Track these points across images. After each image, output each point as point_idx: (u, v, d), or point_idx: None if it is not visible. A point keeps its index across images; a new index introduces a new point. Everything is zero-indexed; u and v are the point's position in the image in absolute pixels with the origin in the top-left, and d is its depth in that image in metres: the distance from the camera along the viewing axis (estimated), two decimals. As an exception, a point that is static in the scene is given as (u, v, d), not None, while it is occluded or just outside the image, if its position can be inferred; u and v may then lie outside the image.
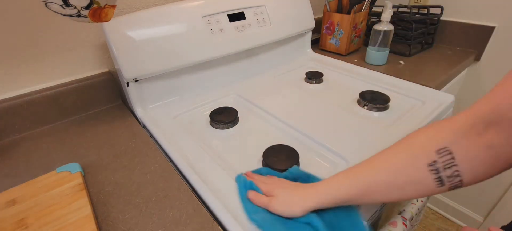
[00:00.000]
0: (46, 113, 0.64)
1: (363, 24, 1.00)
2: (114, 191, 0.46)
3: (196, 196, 0.45)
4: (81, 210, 0.41)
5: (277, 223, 0.37)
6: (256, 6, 0.80)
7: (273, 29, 0.83)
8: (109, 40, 0.59)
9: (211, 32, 0.71)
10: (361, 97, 0.68)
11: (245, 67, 0.85)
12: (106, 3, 0.46)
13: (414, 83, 0.75)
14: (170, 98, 0.72)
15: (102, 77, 0.70)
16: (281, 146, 0.52)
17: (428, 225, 1.33)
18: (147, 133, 0.62)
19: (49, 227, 0.38)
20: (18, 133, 0.62)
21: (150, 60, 0.63)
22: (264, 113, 0.67)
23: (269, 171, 0.46)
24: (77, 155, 0.55)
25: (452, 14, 1.01)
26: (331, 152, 0.53)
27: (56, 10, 0.43)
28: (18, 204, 0.42)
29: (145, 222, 0.41)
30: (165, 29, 0.65)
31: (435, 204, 1.37)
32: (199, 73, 0.76)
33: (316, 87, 0.80)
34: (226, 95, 0.75)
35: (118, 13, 0.68)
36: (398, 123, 0.61)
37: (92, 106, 0.71)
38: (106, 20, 0.48)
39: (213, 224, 0.40)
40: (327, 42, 1.03)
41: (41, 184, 0.45)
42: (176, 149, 0.54)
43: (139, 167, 0.51)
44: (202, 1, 0.71)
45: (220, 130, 0.62)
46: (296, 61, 0.97)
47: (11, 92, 0.61)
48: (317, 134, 0.57)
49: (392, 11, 0.84)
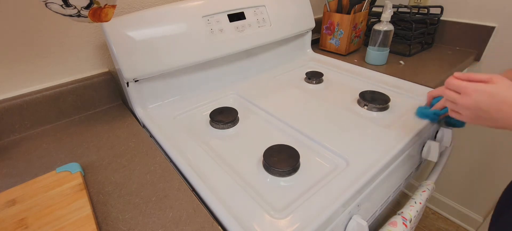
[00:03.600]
0: (46, 113, 0.64)
1: (363, 24, 1.00)
2: (114, 191, 0.46)
3: (196, 196, 0.45)
4: (81, 210, 0.41)
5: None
6: (256, 6, 0.80)
7: (273, 29, 0.83)
8: (109, 40, 0.59)
9: (211, 32, 0.71)
10: (361, 97, 0.68)
11: (245, 67, 0.85)
12: (106, 3, 0.46)
13: (414, 83, 0.75)
14: (170, 98, 0.72)
15: (102, 77, 0.70)
16: (281, 146, 0.52)
17: (428, 225, 1.33)
18: (147, 132, 0.62)
19: (49, 227, 0.38)
20: (18, 133, 0.62)
21: (150, 60, 0.63)
22: (264, 113, 0.67)
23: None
24: (77, 155, 0.55)
25: (452, 14, 1.01)
26: (331, 152, 0.53)
27: (56, 10, 0.43)
28: (18, 204, 0.42)
29: (145, 222, 0.41)
30: (165, 29, 0.65)
31: (435, 204, 1.37)
32: (199, 73, 0.76)
33: (316, 87, 0.80)
34: (226, 95, 0.75)
35: (118, 13, 0.68)
36: (398, 123, 0.61)
37: (92, 106, 0.71)
38: (106, 20, 0.48)
39: (213, 224, 0.40)
40: (327, 42, 1.03)
41: (41, 184, 0.45)
42: (176, 149, 0.54)
43: (139, 167, 0.51)
44: (202, 1, 0.71)
45: (220, 130, 0.62)
46: (296, 61, 0.97)
47: (11, 92, 0.61)
48: (317, 134, 0.57)
49: (392, 11, 0.84)
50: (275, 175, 0.48)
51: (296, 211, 0.41)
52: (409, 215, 0.52)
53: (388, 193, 0.56)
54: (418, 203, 0.56)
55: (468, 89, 0.40)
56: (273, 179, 0.48)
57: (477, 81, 0.40)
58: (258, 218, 0.40)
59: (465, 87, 0.41)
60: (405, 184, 0.63)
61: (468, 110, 0.41)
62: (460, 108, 0.42)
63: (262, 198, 0.44)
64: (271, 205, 0.43)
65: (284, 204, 0.43)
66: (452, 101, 0.43)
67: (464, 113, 0.42)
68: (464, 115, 0.42)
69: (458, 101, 0.42)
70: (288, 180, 0.48)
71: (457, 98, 0.42)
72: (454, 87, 0.42)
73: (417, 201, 0.56)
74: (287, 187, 0.47)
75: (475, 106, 0.40)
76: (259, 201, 0.43)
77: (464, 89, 0.41)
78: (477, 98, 0.39)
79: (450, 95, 0.43)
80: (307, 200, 0.42)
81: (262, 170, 0.50)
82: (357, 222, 0.45)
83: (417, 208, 0.54)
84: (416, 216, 0.54)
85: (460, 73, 0.43)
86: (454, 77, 0.43)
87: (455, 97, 0.43)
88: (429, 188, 0.61)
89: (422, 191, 0.59)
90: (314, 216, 0.40)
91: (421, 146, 0.62)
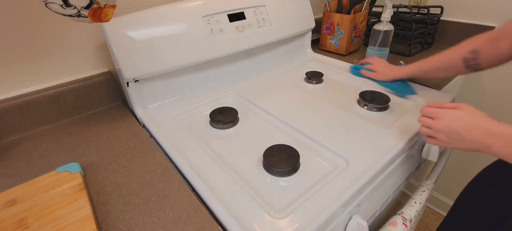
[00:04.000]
0: (46, 113, 0.64)
1: (363, 24, 1.00)
2: (114, 191, 0.46)
3: (196, 196, 0.45)
4: (81, 210, 0.41)
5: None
6: (256, 6, 0.80)
7: (273, 29, 0.83)
8: (109, 40, 0.59)
9: (211, 32, 0.71)
10: (361, 97, 0.68)
11: (245, 67, 0.85)
12: (106, 3, 0.46)
13: (414, 84, 0.75)
14: (170, 98, 0.72)
15: (102, 77, 0.70)
16: (281, 146, 0.52)
17: (428, 225, 1.33)
18: (147, 132, 0.62)
19: (49, 227, 0.38)
20: (18, 133, 0.62)
21: (150, 60, 0.63)
22: (264, 113, 0.67)
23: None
24: (77, 155, 0.55)
25: (452, 14, 1.01)
26: (331, 152, 0.53)
27: (56, 10, 0.43)
28: (18, 204, 0.42)
29: (145, 222, 0.41)
30: (165, 29, 0.65)
31: (435, 204, 1.37)
32: (199, 73, 0.76)
33: (316, 87, 0.80)
34: (226, 95, 0.75)
35: (118, 13, 0.68)
36: (398, 122, 0.61)
37: (92, 106, 0.71)
38: (106, 20, 0.48)
39: (213, 224, 0.40)
40: (327, 42, 1.03)
41: (41, 184, 0.45)
42: (176, 149, 0.54)
43: (139, 167, 0.51)
44: (202, 1, 0.71)
45: (220, 130, 0.62)
46: (296, 61, 0.97)
47: (11, 92, 0.61)
48: (317, 134, 0.57)
49: (392, 11, 0.84)
50: (275, 175, 0.48)
51: (296, 211, 0.41)
52: (409, 215, 0.52)
53: (388, 193, 0.56)
54: (418, 203, 0.56)
55: (438, 113, 0.46)
56: (273, 179, 0.48)
57: (447, 108, 0.46)
58: (258, 218, 0.40)
59: (436, 112, 0.47)
60: (405, 184, 0.63)
61: (441, 133, 0.46)
62: (434, 132, 0.47)
63: (262, 198, 0.44)
64: (271, 205, 0.43)
65: (284, 204, 0.43)
66: (427, 126, 0.48)
67: (439, 137, 0.46)
68: (439, 138, 0.47)
69: (432, 125, 0.47)
70: (288, 180, 0.48)
71: (431, 123, 0.47)
72: (428, 113, 0.48)
73: (417, 201, 0.56)
74: (287, 187, 0.47)
75: (447, 129, 0.45)
76: (259, 201, 0.43)
77: (436, 114, 0.47)
78: (448, 121, 0.45)
79: (425, 121, 0.49)
80: (307, 200, 0.42)
81: (262, 170, 0.50)
82: (357, 222, 0.45)
83: (417, 208, 0.54)
84: (416, 216, 0.54)
85: (433, 102, 0.50)
86: (428, 105, 0.50)
87: (429, 122, 0.48)
88: (429, 188, 0.61)
89: (422, 191, 0.59)
90: (314, 216, 0.40)
91: (421, 146, 0.62)
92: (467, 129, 0.43)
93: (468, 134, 0.43)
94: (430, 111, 0.48)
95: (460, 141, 0.44)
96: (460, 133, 0.43)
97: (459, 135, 0.43)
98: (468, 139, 0.43)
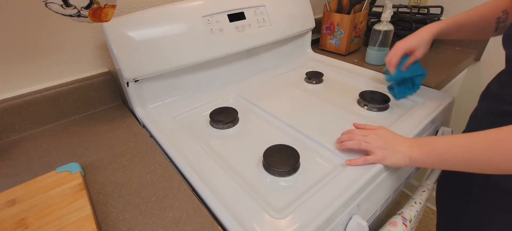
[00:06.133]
0: (46, 113, 0.64)
1: (363, 24, 1.00)
2: (114, 191, 0.46)
3: (196, 196, 0.45)
4: (81, 210, 0.41)
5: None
6: (256, 6, 0.80)
7: (273, 29, 0.83)
8: (109, 40, 0.59)
9: (211, 32, 0.71)
10: (361, 97, 0.68)
11: (245, 67, 0.85)
12: (106, 3, 0.46)
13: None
14: (170, 98, 0.72)
15: (102, 77, 0.70)
16: (281, 146, 0.52)
17: (428, 225, 1.33)
18: (147, 132, 0.62)
19: (49, 227, 0.38)
20: (18, 133, 0.62)
21: (150, 60, 0.63)
22: (264, 113, 0.67)
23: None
24: (77, 155, 0.55)
25: (452, 14, 1.00)
26: (331, 152, 0.53)
27: (56, 10, 0.43)
28: (18, 204, 0.42)
29: (145, 222, 0.41)
30: (165, 29, 0.65)
31: (435, 204, 1.37)
32: (199, 73, 0.76)
33: (316, 87, 0.80)
34: (226, 95, 0.75)
35: (118, 13, 0.68)
36: (398, 123, 0.61)
37: (92, 106, 0.71)
38: (106, 20, 0.48)
39: (213, 224, 0.40)
40: (327, 42, 1.03)
41: (41, 184, 0.45)
42: (176, 149, 0.54)
43: (139, 167, 0.51)
44: (202, 1, 0.71)
45: (220, 130, 0.62)
46: (296, 61, 0.97)
47: (11, 92, 0.61)
48: (317, 134, 0.57)
49: (392, 11, 0.84)
50: (275, 175, 0.48)
51: (296, 211, 0.41)
52: (409, 215, 0.52)
53: (388, 193, 0.56)
54: (418, 203, 0.56)
55: (368, 131, 0.52)
56: (273, 179, 0.48)
57: (371, 128, 0.52)
58: (258, 218, 0.40)
59: (365, 127, 0.54)
60: (405, 184, 0.63)
61: (377, 140, 0.50)
62: (370, 139, 0.50)
63: (262, 198, 0.44)
64: (271, 205, 0.43)
65: (284, 204, 0.43)
66: (363, 135, 0.51)
67: (375, 143, 0.49)
68: (375, 144, 0.49)
69: (367, 134, 0.51)
70: (288, 180, 0.48)
71: (365, 133, 0.51)
72: (359, 133, 0.52)
73: (417, 201, 0.56)
74: (287, 187, 0.47)
75: (379, 138, 0.50)
76: (259, 201, 0.43)
77: (365, 128, 0.53)
78: (377, 135, 0.50)
79: (359, 134, 0.52)
80: (307, 200, 0.42)
81: (262, 170, 0.50)
82: (357, 222, 0.45)
83: (417, 208, 0.54)
84: (416, 216, 0.54)
85: (357, 124, 0.56)
86: (354, 125, 0.56)
87: (364, 133, 0.52)
88: (429, 188, 0.61)
89: (422, 191, 0.59)
90: (314, 216, 0.40)
91: (421, 146, 0.62)
92: (393, 142, 0.49)
93: (396, 146, 0.48)
94: (362, 127, 0.54)
95: (391, 151, 0.48)
96: (391, 144, 0.48)
97: (391, 145, 0.48)
98: (399, 149, 0.47)
